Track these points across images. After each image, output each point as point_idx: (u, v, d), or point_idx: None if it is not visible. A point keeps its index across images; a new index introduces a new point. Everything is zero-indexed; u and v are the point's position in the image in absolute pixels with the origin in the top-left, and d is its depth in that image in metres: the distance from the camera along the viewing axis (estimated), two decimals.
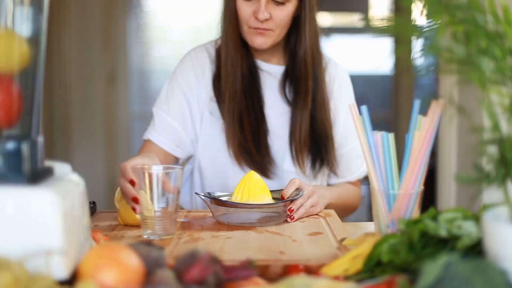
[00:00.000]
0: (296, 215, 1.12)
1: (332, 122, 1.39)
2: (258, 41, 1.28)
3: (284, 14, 1.26)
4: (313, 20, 1.33)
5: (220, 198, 1.12)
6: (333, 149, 1.38)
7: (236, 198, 1.11)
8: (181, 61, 1.43)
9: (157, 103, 1.41)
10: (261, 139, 1.34)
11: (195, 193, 1.16)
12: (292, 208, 1.11)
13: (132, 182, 1.01)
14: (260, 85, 1.37)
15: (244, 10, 1.27)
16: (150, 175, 0.97)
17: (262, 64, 1.38)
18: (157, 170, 0.98)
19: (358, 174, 1.44)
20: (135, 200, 1.00)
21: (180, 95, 1.38)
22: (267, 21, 1.25)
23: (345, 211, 1.41)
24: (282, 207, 1.11)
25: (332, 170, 1.39)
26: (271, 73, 1.38)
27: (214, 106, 1.36)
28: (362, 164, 1.44)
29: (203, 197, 1.10)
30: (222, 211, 1.10)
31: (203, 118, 1.37)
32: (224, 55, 1.34)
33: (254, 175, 1.13)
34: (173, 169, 0.99)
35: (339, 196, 1.35)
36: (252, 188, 1.11)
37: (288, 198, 1.12)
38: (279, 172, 1.34)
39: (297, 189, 1.14)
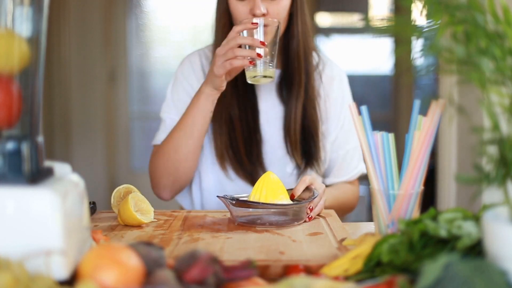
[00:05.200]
0: (313, 214, 1.11)
1: (324, 120, 1.39)
2: None
3: (280, 8, 1.26)
4: (304, 14, 1.33)
5: (243, 199, 1.08)
6: (319, 146, 1.37)
7: (254, 199, 1.08)
8: (181, 65, 1.44)
9: (164, 108, 1.42)
10: (253, 149, 1.34)
11: (217, 196, 1.10)
12: (311, 207, 1.10)
13: (255, 23, 1.16)
14: (256, 94, 1.37)
15: (240, 10, 1.26)
16: (254, 24, 1.17)
17: None
18: (258, 20, 1.18)
19: (355, 173, 1.44)
20: (259, 55, 1.15)
21: (185, 96, 1.39)
22: (265, 17, 1.25)
23: (343, 211, 1.40)
24: (303, 207, 1.08)
25: (317, 167, 1.37)
26: None
27: None
28: (359, 163, 1.44)
29: (223, 199, 1.07)
30: (242, 213, 1.06)
31: None
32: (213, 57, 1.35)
33: (271, 175, 1.10)
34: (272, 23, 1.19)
35: (334, 197, 1.34)
36: (270, 188, 1.08)
37: (299, 196, 1.12)
38: None
39: (307, 187, 1.13)
